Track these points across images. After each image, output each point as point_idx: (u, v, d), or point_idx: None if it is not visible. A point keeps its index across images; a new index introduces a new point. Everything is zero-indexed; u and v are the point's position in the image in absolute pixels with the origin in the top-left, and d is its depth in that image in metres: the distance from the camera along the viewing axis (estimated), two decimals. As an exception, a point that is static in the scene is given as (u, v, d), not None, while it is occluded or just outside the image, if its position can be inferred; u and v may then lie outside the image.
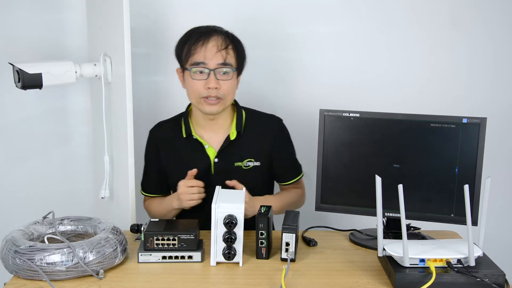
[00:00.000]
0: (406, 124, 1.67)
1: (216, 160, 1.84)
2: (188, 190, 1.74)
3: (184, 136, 1.86)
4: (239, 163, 1.85)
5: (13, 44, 2.20)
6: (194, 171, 1.77)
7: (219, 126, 1.86)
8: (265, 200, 1.81)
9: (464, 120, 1.63)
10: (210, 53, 1.75)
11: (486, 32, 2.29)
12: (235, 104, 1.91)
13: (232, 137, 1.84)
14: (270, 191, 1.97)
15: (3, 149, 2.29)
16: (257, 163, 1.86)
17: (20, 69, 1.75)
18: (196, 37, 1.77)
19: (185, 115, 1.89)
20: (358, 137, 1.71)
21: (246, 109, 1.92)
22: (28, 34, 2.20)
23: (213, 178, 1.82)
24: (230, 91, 1.79)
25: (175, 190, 1.90)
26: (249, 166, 1.86)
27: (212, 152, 1.85)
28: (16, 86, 1.80)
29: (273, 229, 1.97)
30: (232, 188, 1.75)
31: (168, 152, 1.89)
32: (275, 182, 1.98)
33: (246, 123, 1.88)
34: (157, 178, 1.93)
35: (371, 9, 2.27)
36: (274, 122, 1.92)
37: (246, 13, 2.24)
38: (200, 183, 1.76)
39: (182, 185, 1.75)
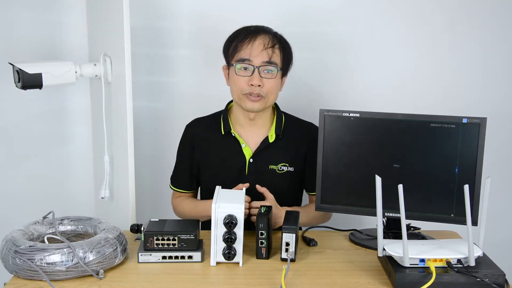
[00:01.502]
0: (406, 124, 1.67)
1: (251, 160, 1.84)
2: None
3: (223, 133, 1.86)
4: (274, 166, 1.85)
5: (13, 44, 2.20)
6: (246, 185, 1.74)
7: (258, 127, 1.87)
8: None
9: (464, 120, 1.63)
10: (256, 51, 1.76)
11: (486, 32, 2.29)
12: (275, 108, 1.92)
13: (271, 139, 1.85)
14: (298, 199, 1.97)
15: (3, 149, 2.28)
16: (291, 169, 1.86)
17: (20, 69, 1.75)
18: (244, 34, 1.79)
19: (225, 113, 1.90)
20: (358, 137, 1.71)
21: (286, 114, 1.93)
22: (28, 34, 2.20)
23: (246, 178, 1.82)
24: (272, 90, 1.79)
25: (205, 186, 1.90)
26: (283, 170, 1.86)
27: (248, 152, 1.85)
28: (16, 86, 1.80)
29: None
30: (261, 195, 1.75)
31: (203, 148, 1.89)
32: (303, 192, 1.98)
33: (285, 128, 1.88)
34: (188, 173, 1.93)
35: (371, 10, 2.27)
36: (312, 130, 1.91)
37: (246, 13, 2.24)
38: (248, 199, 1.72)
39: None
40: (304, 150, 1.88)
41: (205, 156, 1.89)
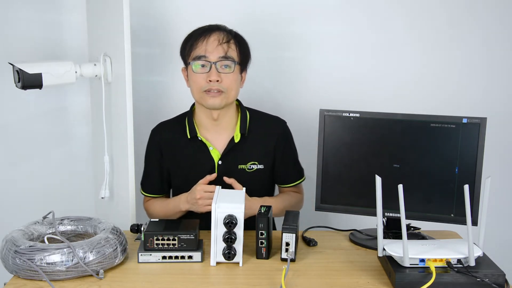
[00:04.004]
0: (406, 124, 1.67)
1: (220, 162, 1.83)
2: (208, 196, 1.70)
3: (189, 137, 1.85)
4: (243, 166, 1.84)
5: (13, 44, 2.20)
6: (213, 175, 1.76)
7: (223, 127, 1.85)
8: (264, 201, 1.80)
9: (464, 120, 1.63)
10: (211, 47, 1.75)
11: (487, 33, 2.29)
12: (239, 105, 1.91)
13: (236, 139, 1.83)
14: (271, 194, 1.96)
15: (3, 149, 2.28)
16: (261, 166, 1.86)
17: (20, 69, 1.75)
18: (198, 33, 1.79)
19: (189, 116, 1.88)
20: (358, 137, 1.71)
21: (250, 110, 1.91)
22: (28, 34, 2.20)
23: (216, 180, 1.80)
24: (232, 85, 1.78)
25: (177, 190, 1.89)
26: (252, 169, 1.85)
27: (216, 154, 1.84)
28: (16, 86, 1.80)
29: (274, 229, 1.98)
30: (231, 186, 1.76)
31: (171, 152, 1.88)
32: (276, 186, 1.98)
33: (250, 125, 1.87)
34: (158, 178, 1.92)
35: (371, 10, 2.27)
36: (278, 124, 1.92)
37: (248, 13, 2.24)
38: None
39: (200, 190, 1.71)
40: (272, 145, 1.87)
41: (174, 160, 1.88)
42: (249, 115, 1.89)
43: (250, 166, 1.85)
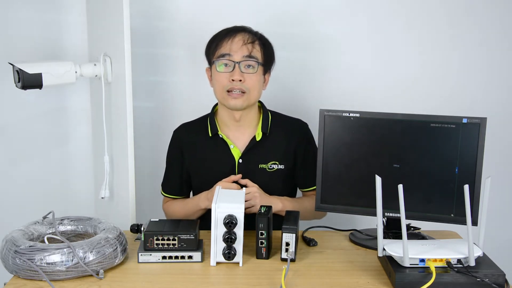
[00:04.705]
0: (406, 124, 1.67)
1: (240, 160, 1.84)
2: None
3: (210, 135, 1.85)
4: (264, 165, 1.84)
5: (13, 44, 2.20)
6: (238, 176, 1.78)
7: (244, 127, 1.86)
8: (281, 201, 1.81)
9: (464, 120, 1.63)
10: (236, 46, 1.76)
11: (483, 32, 2.29)
12: (261, 106, 1.91)
13: (258, 138, 1.84)
14: (292, 196, 1.96)
15: (3, 149, 2.28)
16: (281, 166, 1.86)
17: (20, 69, 1.75)
18: (224, 33, 1.81)
19: (211, 116, 1.89)
20: (358, 137, 1.71)
21: (273, 112, 1.92)
22: (28, 34, 2.20)
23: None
24: (255, 85, 1.78)
25: (197, 190, 1.90)
26: (273, 168, 1.85)
27: (237, 152, 1.84)
28: (16, 86, 1.81)
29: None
30: (245, 186, 1.76)
31: (192, 152, 1.89)
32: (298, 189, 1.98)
33: (272, 126, 1.88)
34: (179, 179, 1.93)
35: (373, 10, 2.27)
36: (300, 126, 1.92)
37: (246, 13, 2.24)
38: (239, 187, 1.75)
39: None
40: (293, 146, 1.88)
41: (194, 160, 1.88)
42: (271, 116, 1.90)
43: (270, 166, 1.85)
